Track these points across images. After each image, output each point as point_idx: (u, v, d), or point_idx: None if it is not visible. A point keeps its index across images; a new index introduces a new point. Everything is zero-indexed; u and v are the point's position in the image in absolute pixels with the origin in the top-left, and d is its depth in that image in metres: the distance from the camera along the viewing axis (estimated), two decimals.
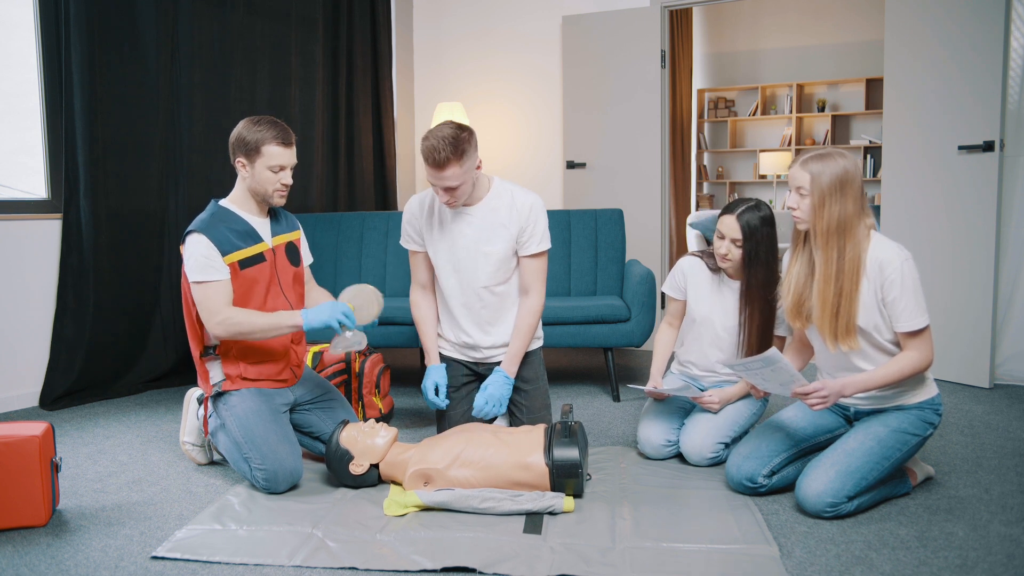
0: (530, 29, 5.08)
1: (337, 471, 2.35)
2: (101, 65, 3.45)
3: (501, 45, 5.17)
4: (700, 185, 8.76)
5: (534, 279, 2.60)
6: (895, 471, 2.21)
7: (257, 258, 2.43)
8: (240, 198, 2.48)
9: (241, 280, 2.39)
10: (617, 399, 3.50)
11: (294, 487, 2.36)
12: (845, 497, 2.08)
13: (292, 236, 2.59)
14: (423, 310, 2.70)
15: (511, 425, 2.70)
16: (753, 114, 8.55)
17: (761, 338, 2.55)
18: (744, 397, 2.62)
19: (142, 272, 3.70)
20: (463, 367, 2.70)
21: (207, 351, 2.45)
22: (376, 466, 2.35)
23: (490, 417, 2.59)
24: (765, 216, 2.50)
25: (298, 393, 2.59)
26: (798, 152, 7.76)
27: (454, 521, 2.09)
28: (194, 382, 3.69)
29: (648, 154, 4.68)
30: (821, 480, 2.10)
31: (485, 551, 1.90)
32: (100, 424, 3.15)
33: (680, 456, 2.62)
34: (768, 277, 2.50)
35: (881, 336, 2.16)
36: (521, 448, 2.26)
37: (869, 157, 7.92)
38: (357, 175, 4.88)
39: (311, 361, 2.97)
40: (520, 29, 5.11)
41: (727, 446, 2.55)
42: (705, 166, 8.86)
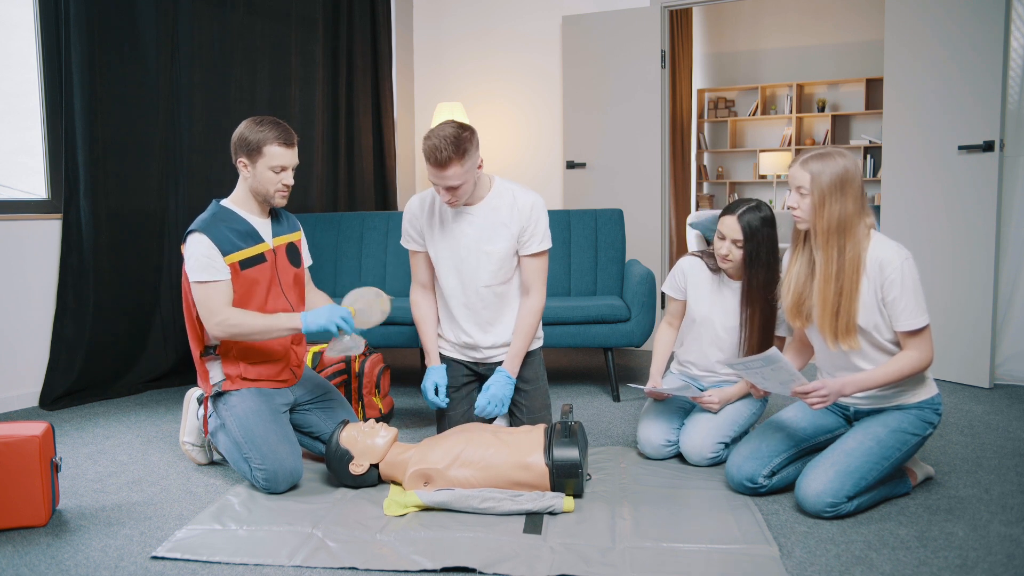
0: (530, 29, 5.08)
1: (337, 471, 2.35)
2: (101, 65, 3.46)
3: (501, 45, 5.17)
4: (700, 185, 8.76)
5: (535, 278, 2.60)
6: (895, 471, 2.21)
7: (258, 258, 2.43)
8: (241, 198, 2.48)
9: (242, 280, 2.39)
10: (617, 399, 3.50)
11: (294, 487, 2.36)
12: (845, 497, 2.09)
13: (293, 237, 2.59)
14: (423, 310, 2.70)
15: (511, 425, 2.70)
16: (753, 114, 8.55)
17: (762, 339, 2.55)
18: (744, 397, 2.62)
19: (142, 272, 3.70)
20: (463, 367, 2.70)
21: (207, 351, 2.45)
22: (376, 466, 2.35)
23: (492, 416, 2.59)
24: (766, 217, 2.50)
25: (298, 393, 2.60)
26: (798, 152, 7.75)
27: (454, 521, 2.09)
28: (194, 382, 3.69)
29: (648, 154, 4.68)
30: (821, 480, 2.10)
31: (485, 551, 1.90)
32: (100, 424, 3.15)
33: (680, 456, 2.62)
34: (769, 278, 2.50)
35: (881, 335, 2.16)
36: (521, 448, 2.26)
37: (869, 157, 7.92)
38: (357, 175, 4.88)
39: (311, 361, 2.97)
40: (520, 29, 5.11)
41: (727, 446, 2.55)
42: (705, 166, 8.86)
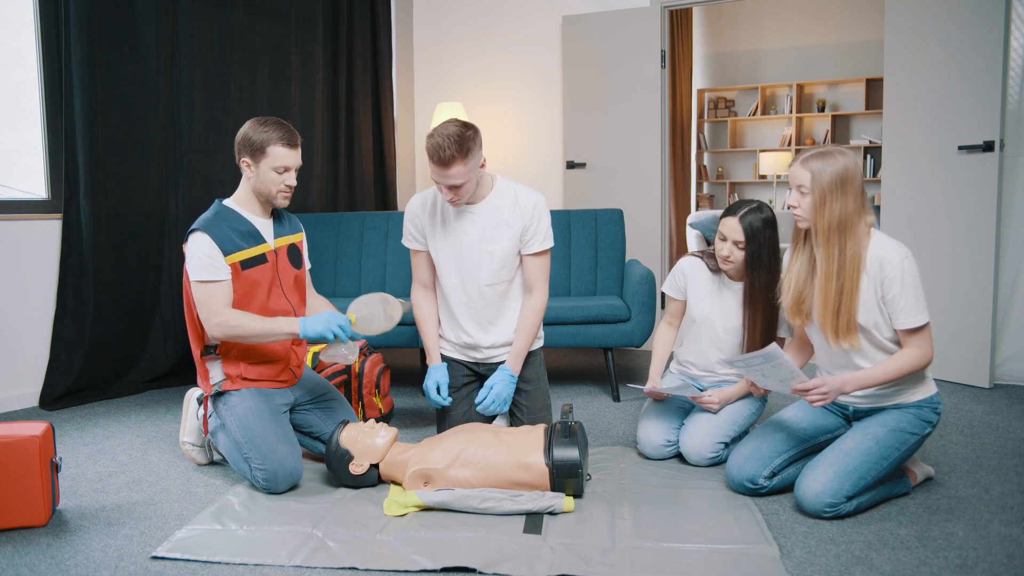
0: (530, 29, 5.08)
1: (337, 471, 2.35)
2: (101, 65, 3.46)
3: (501, 45, 5.17)
4: (700, 185, 8.76)
5: (538, 277, 2.61)
6: (894, 471, 2.21)
7: (259, 259, 2.43)
8: (244, 198, 2.48)
9: (243, 281, 2.39)
10: (617, 399, 3.50)
11: (294, 487, 2.36)
12: (844, 497, 2.08)
13: (295, 238, 2.59)
14: (424, 310, 2.70)
15: (511, 425, 2.70)
16: (753, 114, 8.55)
17: (764, 340, 2.55)
18: (744, 397, 2.62)
19: (142, 272, 3.70)
20: (463, 367, 2.70)
21: (208, 350, 2.45)
22: (376, 466, 2.35)
23: (493, 414, 2.59)
24: (767, 218, 2.50)
25: (298, 393, 2.60)
26: (798, 152, 7.75)
27: (454, 521, 2.09)
28: (194, 382, 3.69)
29: (648, 154, 4.68)
30: (820, 480, 2.10)
31: (485, 551, 1.90)
32: (100, 424, 3.15)
33: (680, 456, 2.62)
34: (771, 279, 2.50)
35: (881, 334, 2.16)
36: (521, 448, 2.26)
37: (869, 157, 7.92)
38: (357, 175, 4.88)
39: (311, 361, 2.97)
40: (520, 29, 5.11)
41: (727, 446, 2.55)
42: (705, 166, 8.86)
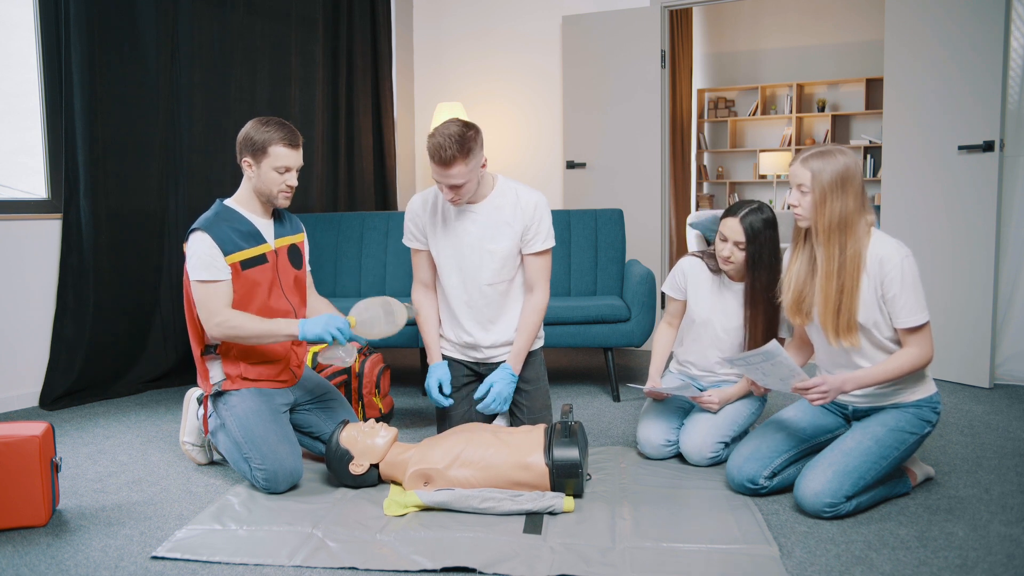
0: (530, 29, 5.08)
1: (337, 471, 2.35)
2: (101, 65, 3.46)
3: (501, 45, 5.17)
4: (700, 185, 8.76)
5: (539, 277, 2.61)
6: (894, 471, 2.21)
7: (259, 259, 2.43)
8: (245, 198, 2.48)
9: (243, 281, 2.39)
10: (617, 399, 3.50)
11: (294, 487, 2.36)
12: (843, 497, 2.08)
13: (296, 239, 2.59)
14: (425, 309, 2.70)
15: (511, 425, 2.70)
16: (753, 114, 8.55)
17: (766, 340, 2.54)
18: (743, 397, 2.62)
19: (142, 272, 3.70)
20: (464, 367, 2.70)
21: (208, 349, 2.45)
22: (376, 466, 2.35)
23: (494, 413, 2.59)
24: (768, 219, 2.50)
25: (298, 393, 2.60)
26: (798, 152, 7.74)
27: (454, 521, 2.09)
28: (194, 382, 3.69)
29: (648, 154, 4.68)
30: (819, 480, 2.10)
31: (485, 551, 1.90)
32: (100, 424, 3.15)
33: (680, 456, 2.62)
34: (772, 279, 2.49)
35: (880, 333, 2.16)
36: (521, 448, 2.26)
37: (869, 157, 7.92)
38: (357, 175, 4.88)
39: (311, 361, 2.97)
40: (520, 29, 5.11)
41: (727, 445, 2.55)
42: (705, 166, 8.86)
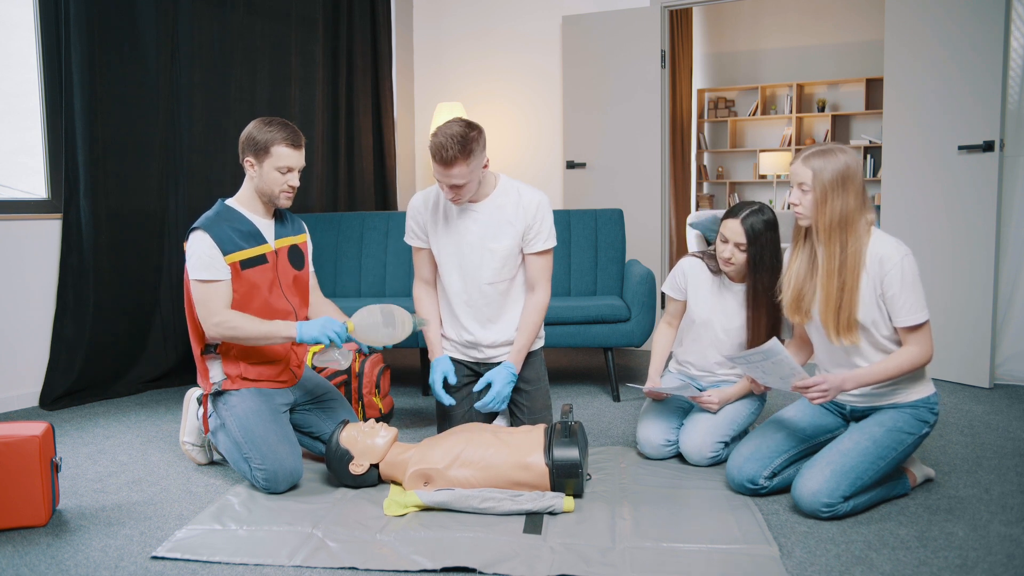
0: (530, 29, 5.08)
1: (337, 471, 2.35)
2: (101, 65, 3.46)
3: (501, 45, 5.17)
4: (700, 185, 8.76)
5: (540, 276, 2.61)
6: (892, 471, 2.20)
7: (259, 259, 2.43)
8: (247, 198, 2.48)
9: (242, 281, 2.39)
10: (617, 399, 3.50)
11: (294, 487, 2.36)
12: (841, 497, 2.08)
13: (297, 239, 2.59)
14: (425, 305, 2.70)
15: (511, 425, 2.70)
16: (753, 114, 8.54)
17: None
18: (743, 397, 2.62)
19: (142, 272, 3.70)
20: (464, 367, 2.70)
21: (208, 349, 2.45)
22: (376, 466, 2.35)
23: (492, 411, 2.59)
24: (769, 220, 2.49)
25: (298, 393, 2.60)
26: (798, 152, 7.73)
27: (454, 521, 2.09)
28: (194, 382, 3.69)
29: (648, 154, 4.68)
30: (817, 480, 2.10)
31: (485, 551, 1.90)
32: (100, 424, 3.15)
33: (680, 456, 2.62)
34: (773, 281, 2.48)
35: (879, 332, 2.16)
36: (521, 448, 2.26)
37: (869, 157, 7.92)
38: (357, 175, 4.88)
39: (310, 361, 2.97)
40: (520, 29, 5.11)
41: (726, 445, 2.55)
42: (705, 166, 8.86)
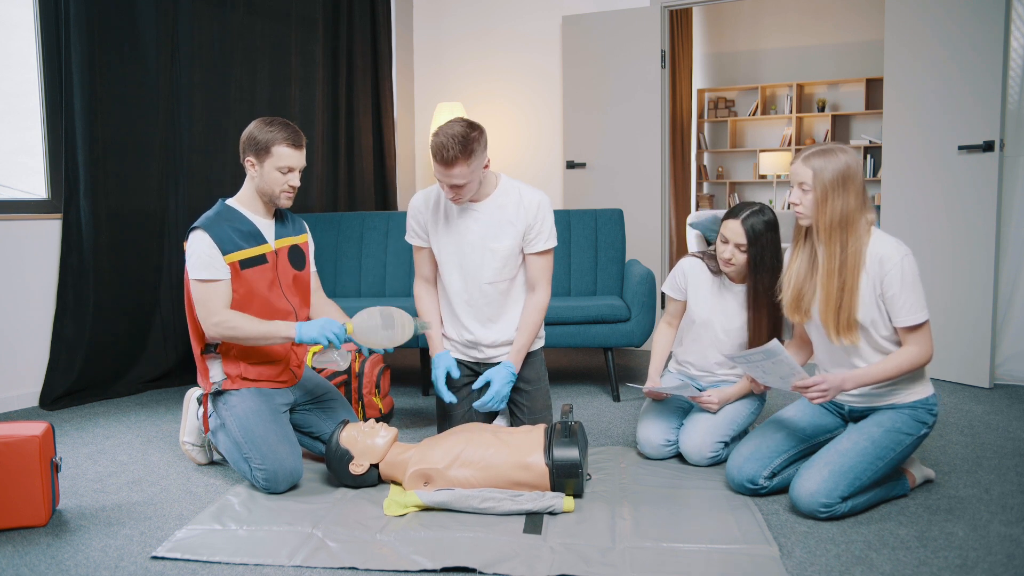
0: (530, 29, 5.08)
1: (337, 471, 2.35)
2: (101, 65, 3.46)
3: (501, 45, 5.17)
4: (700, 185, 8.76)
5: (540, 276, 2.61)
6: (890, 472, 2.20)
7: (259, 259, 2.43)
8: (247, 198, 2.48)
9: (242, 281, 2.39)
10: (617, 399, 3.50)
11: (294, 487, 2.36)
12: (839, 498, 2.08)
13: (298, 240, 2.59)
14: (426, 302, 2.71)
15: (511, 425, 2.70)
16: (753, 114, 8.54)
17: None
18: (743, 397, 2.62)
19: (142, 272, 3.70)
20: (464, 367, 2.70)
21: (208, 348, 2.45)
22: (376, 466, 2.35)
23: (490, 411, 2.58)
24: (769, 221, 2.49)
25: (298, 393, 2.60)
26: (798, 152, 7.72)
27: (454, 521, 2.09)
28: (194, 382, 3.69)
29: (648, 154, 4.68)
30: (815, 480, 2.09)
31: (485, 551, 1.90)
32: (100, 424, 3.15)
33: (680, 456, 2.62)
34: (774, 282, 2.47)
35: (877, 332, 2.16)
36: (521, 448, 2.26)
37: (869, 157, 7.92)
38: (357, 175, 4.88)
39: (310, 361, 2.97)
40: (520, 29, 5.11)
41: (726, 445, 2.55)
42: (705, 166, 8.86)
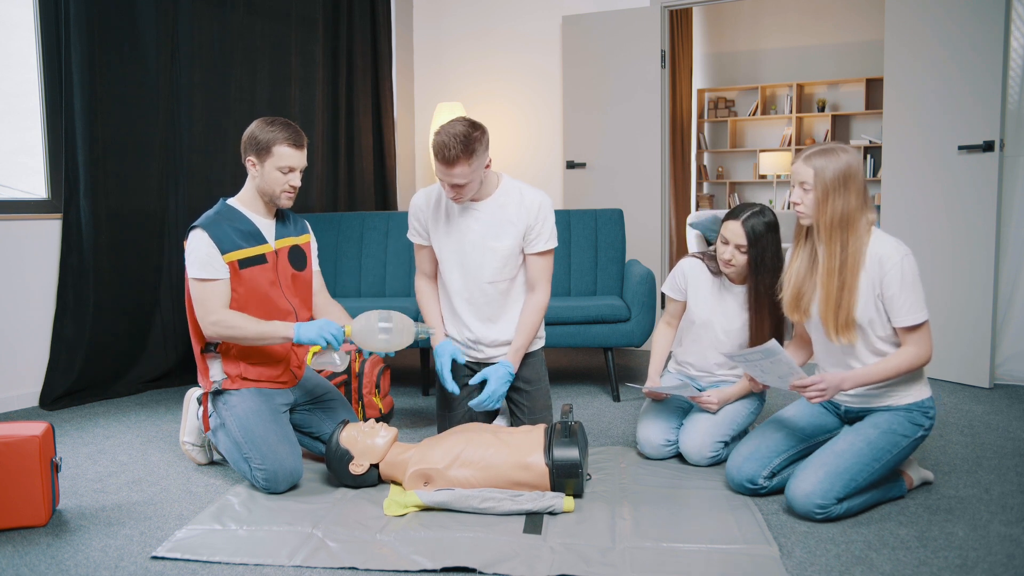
0: (530, 29, 5.08)
1: (337, 471, 2.35)
2: (101, 65, 3.46)
3: (501, 45, 5.17)
4: (700, 185, 8.76)
5: (540, 276, 2.61)
6: (887, 474, 2.19)
7: (258, 259, 2.43)
8: (248, 198, 2.48)
9: (241, 280, 2.39)
10: (617, 399, 3.50)
11: (294, 487, 2.36)
12: (834, 499, 2.07)
13: (299, 240, 2.58)
14: (426, 295, 2.72)
15: (511, 425, 2.70)
16: (753, 114, 8.54)
17: None
18: (743, 397, 2.62)
19: (142, 272, 3.70)
20: (465, 367, 2.70)
21: (208, 347, 2.44)
22: (376, 466, 2.35)
23: (485, 410, 2.58)
24: (770, 222, 2.49)
25: (298, 393, 2.60)
26: (798, 152, 7.72)
27: (454, 521, 2.09)
28: (194, 382, 3.69)
29: (648, 154, 4.68)
30: (810, 481, 2.09)
31: (485, 551, 1.90)
32: (100, 424, 3.15)
33: (680, 456, 2.62)
34: (775, 283, 2.46)
35: (874, 332, 2.16)
36: (521, 448, 2.26)
37: (869, 157, 7.92)
38: (357, 175, 4.88)
39: (310, 362, 2.97)
40: (520, 29, 5.11)
41: (726, 445, 2.55)
42: (705, 166, 8.85)
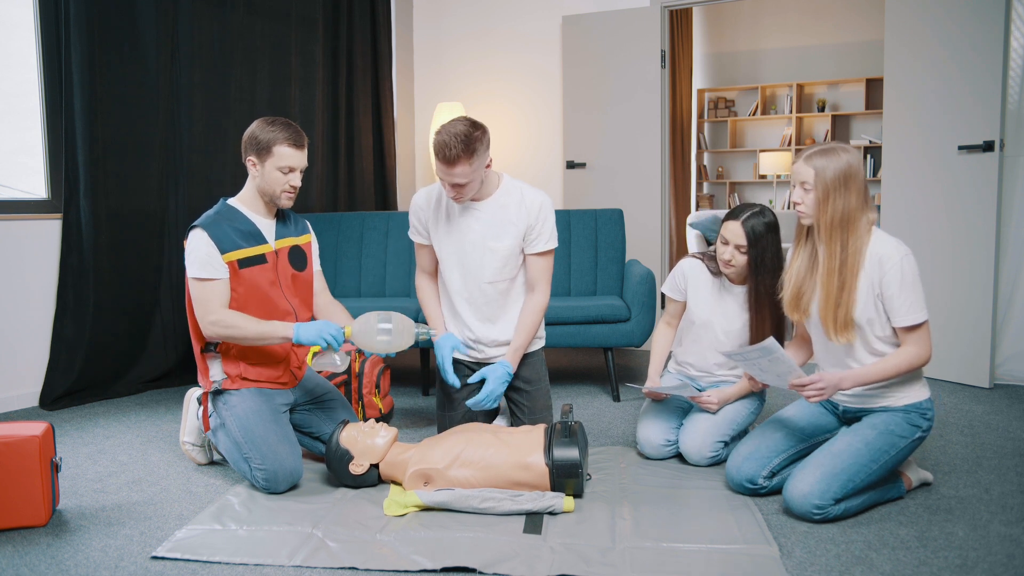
0: (530, 29, 5.08)
1: (337, 471, 2.35)
2: (101, 65, 3.46)
3: (501, 45, 5.17)
4: (700, 185, 8.76)
5: (540, 277, 2.61)
6: (884, 475, 2.18)
7: (258, 259, 2.43)
8: (249, 198, 2.48)
9: (241, 280, 2.39)
10: (617, 399, 3.50)
11: (294, 487, 2.36)
12: (832, 499, 2.06)
13: (300, 240, 2.58)
14: (427, 293, 2.72)
15: (512, 425, 2.70)
16: (753, 114, 8.54)
17: None
18: (743, 397, 2.62)
19: (142, 272, 3.70)
20: (465, 367, 2.70)
21: (208, 347, 2.44)
22: (376, 466, 2.35)
23: (483, 409, 2.58)
24: (770, 222, 2.49)
25: (298, 393, 2.60)
26: (798, 152, 7.73)
27: (454, 521, 2.09)
28: (194, 382, 3.69)
29: (648, 154, 4.68)
30: (807, 481, 2.08)
31: (485, 551, 1.90)
32: (100, 424, 3.15)
33: (680, 456, 2.62)
34: (775, 283, 2.46)
35: (873, 332, 2.16)
36: (521, 448, 2.26)
37: (869, 157, 7.92)
38: (357, 175, 4.88)
39: (310, 362, 2.97)
40: (520, 29, 5.11)
41: (726, 445, 2.55)
42: (705, 166, 8.85)
